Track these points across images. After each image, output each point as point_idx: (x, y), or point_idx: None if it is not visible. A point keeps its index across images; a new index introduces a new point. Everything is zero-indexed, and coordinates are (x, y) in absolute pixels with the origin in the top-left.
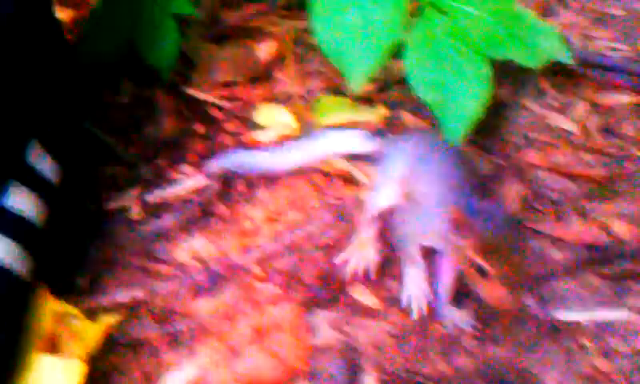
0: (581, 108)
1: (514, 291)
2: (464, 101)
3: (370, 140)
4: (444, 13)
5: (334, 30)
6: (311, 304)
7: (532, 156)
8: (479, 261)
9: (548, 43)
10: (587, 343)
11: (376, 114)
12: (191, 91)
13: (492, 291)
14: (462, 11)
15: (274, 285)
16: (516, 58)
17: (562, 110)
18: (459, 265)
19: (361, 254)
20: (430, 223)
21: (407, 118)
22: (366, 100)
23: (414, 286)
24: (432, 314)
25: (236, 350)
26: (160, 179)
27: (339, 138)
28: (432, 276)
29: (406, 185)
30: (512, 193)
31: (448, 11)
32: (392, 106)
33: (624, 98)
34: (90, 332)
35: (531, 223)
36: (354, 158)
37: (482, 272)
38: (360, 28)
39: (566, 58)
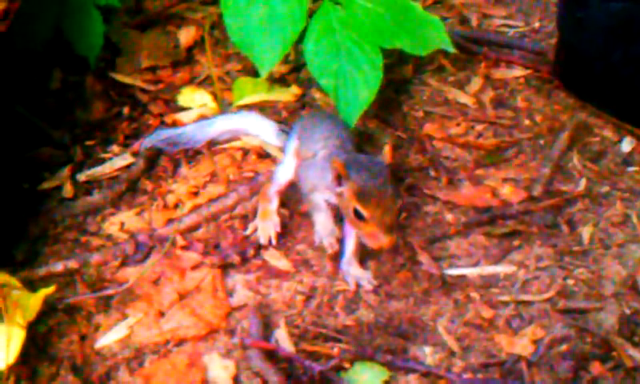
0: (476, 82)
1: (387, 231)
2: (357, 87)
3: (280, 135)
4: (340, 5)
5: (243, 22)
6: (228, 268)
7: (430, 128)
8: (356, 205)
9: (434, 33)
10: (474, 294)
11: (289, 94)
12: (118, 76)
13: (368, 232)
14: (356, 3)
15: (194, 252)
16: (405, 47)
17: (459, 85)
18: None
19: (264, 224)
20: (322, 178)
21: (317, 96)
22: (281, 80)
23: (321, 227)
24: (337, 272)
25: (162, 311)
26: (90, 159)
27: (252, 120)
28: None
29: (298, 153)
30: (387, 149)
31: (344, 3)
32: (304, 84)
33: (516, 73)
34: (30, 301)
35: (427, 189)
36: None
37: (359, 215)
38: (266, 20)
39: (449, 47)
